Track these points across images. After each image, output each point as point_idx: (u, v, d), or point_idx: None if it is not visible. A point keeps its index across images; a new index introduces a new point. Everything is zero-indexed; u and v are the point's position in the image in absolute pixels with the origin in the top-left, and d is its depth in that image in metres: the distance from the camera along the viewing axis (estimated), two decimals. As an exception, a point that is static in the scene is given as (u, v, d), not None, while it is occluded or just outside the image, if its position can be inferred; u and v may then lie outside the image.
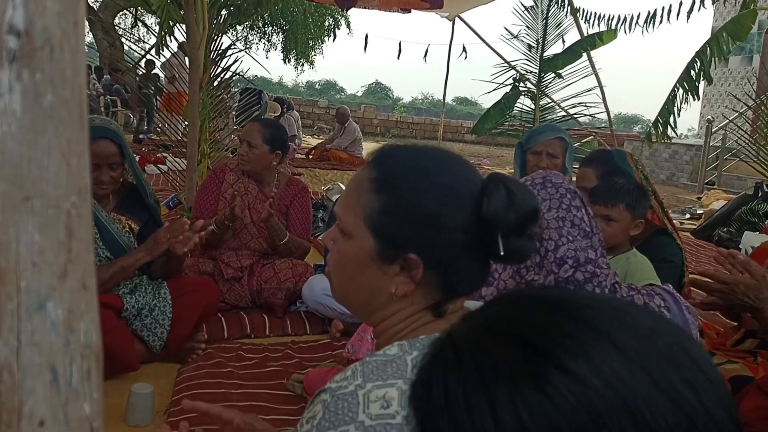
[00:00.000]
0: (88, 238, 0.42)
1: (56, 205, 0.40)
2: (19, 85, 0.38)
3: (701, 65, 5.91)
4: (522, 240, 0.87)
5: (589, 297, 0.52)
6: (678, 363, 0.46)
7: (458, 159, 0.94)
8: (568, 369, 0.45)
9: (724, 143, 11.55)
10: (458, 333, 0.52)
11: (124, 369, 2.42)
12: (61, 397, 0.41)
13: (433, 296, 0.90)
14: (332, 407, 0.76)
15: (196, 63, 4.95)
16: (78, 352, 0.42)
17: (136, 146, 8.88)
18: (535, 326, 0.48)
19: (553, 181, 1.67)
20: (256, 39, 22.27)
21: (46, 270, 0.40)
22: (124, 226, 2.58)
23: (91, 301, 0.43)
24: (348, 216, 0.92)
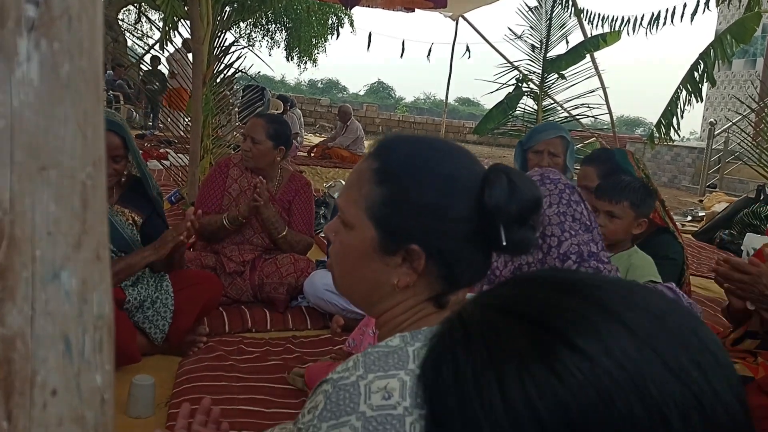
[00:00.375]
0: (102, 209, 0.42)
1: (72, 175, 0.40)
2: (37, 54, 0.38)
3: (704, 67, 5.91)
4: (524, 230, 0.87)
5: (601, 278, 0.52)
6: (687, 344, 0.46)
7: (460, 149, 0.94)
8: (577, 347, 0.45)
9: (727, 146, 11.54)
10: (468, 312, 0.52)
11: (126, 361, 2.42)
12: (73, 367, 0.41)
13: (435, 287, 0.90)
14: (334, 398, 0.76)
15: (200, 59, 4.96)
16: (91, 323, 0.42)
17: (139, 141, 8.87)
18: (545, 305, 0.48)
19: (550, 177, 1.67)
20: (259, 36, 22.28)
21: (60, 240, 0.40)
22: (127, 219, 2.58)
23: (104, 272, 0.43)
24: (350, 207, 0.92)
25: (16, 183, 0.38)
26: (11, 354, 0.39)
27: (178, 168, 5.96)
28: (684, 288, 2.53)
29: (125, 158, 2.48)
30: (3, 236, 0.38)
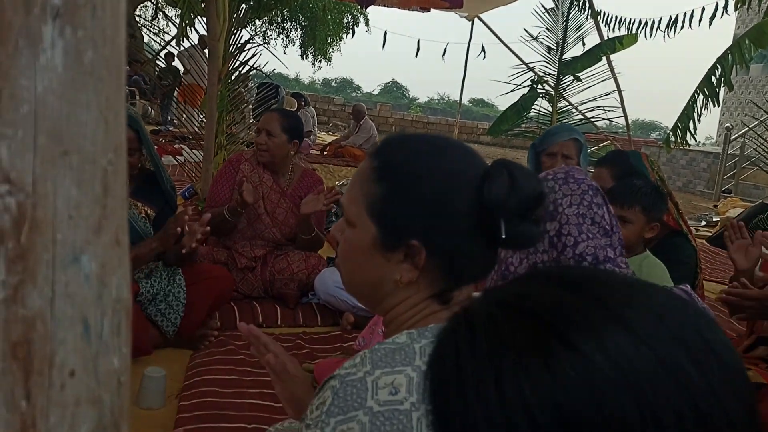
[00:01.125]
0: (122, 195, 0.43)
1: (93, 160, 0.41)
2: (61, 42, 0.39)
3: (722, 71, 5.86)
4: (526, 224, 0.87)
5: (609, 275, 0.52)
6: (689, 344, 0.45)
7: (460, 146, 0.95)
8: (572, 344, 0.45)
9: (743, 151, 11.45)
10: (474, 306, 0.52)
11: (138, 353, 2.44)
12: (91, 349, 0.42)
13: (438, 283, 0.90)
14: (341, 393, 0.77)
15: (216, 55, 4.98)
16: (109, 306, 0.43)
17: (154, 137, 8.93)
18: (546, 301, 0.49)
19: (575, 177, 1.66)
20: (274, 34, 22.34)
21: (81, 224, 0.41)
22: (140, 212, 2.60)
23: (123, 257, 0.44)
24: (352, 206, 0.93)
25: (39, 167, 0.39)
26: (31, 334, 0.40)
27: (192, 164, 6.00)
28: (697, 292, 2.52)
29: (139, 151, 2.50)
30: (25, 219, 0.39)
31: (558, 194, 1.62)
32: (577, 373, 0.43)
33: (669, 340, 0.45)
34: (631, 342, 0.44)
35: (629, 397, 0.42)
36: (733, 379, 0.45)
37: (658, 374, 0.43)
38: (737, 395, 0.45)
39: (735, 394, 0.44)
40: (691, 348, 0.45)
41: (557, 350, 0.44)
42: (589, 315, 0.46)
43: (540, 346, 0.45)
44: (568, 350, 0.44)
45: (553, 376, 0.44)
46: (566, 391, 0.43)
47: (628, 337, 0.44)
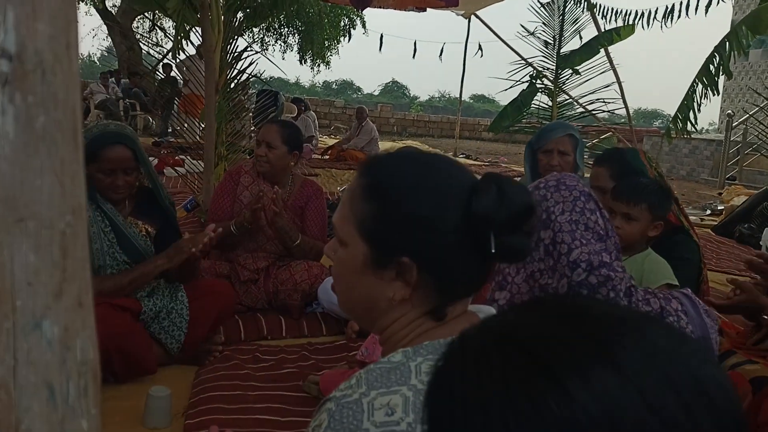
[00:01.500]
0: (83, 256, 0.43)
1: (50, 225, 0.40)
2: (11, 108, 0.39)
3: (720, 59, 5.83)
4: (517, 237, 0.87)
5: (606, 309, 0.51)
6: (679, 385, 0.45)
7: (448, 161, 0.95)
8: (558, 380, 0.44)
9: (745, 138, 11.39)
10: (469, 336, 0.53)
11: (142, 372, 2.44)
12: (58, 415, 0.41)
13: (431, 299, 0.91)
14: (337, 416, 0.77)
15: (212, 65, 4.98)
16: (75, 370, 0.42)
17: (156, 149, 8.95)
18: (538, 335, 0.49)
19: (567, 184, 1.66)
20: (272, 40, 22.35)
21: (40, 289, 0.40)
22: (140, 231, 2.60)
23: (87, 319, 0.43)
24: (343, 225, 0.94)
25: (-5, 235, 0.39)
26: (-6, 405, 0.39)
27: (194, 175, 6.00)
28: (702, 287, 2.50)
29: (137, 170, 2.50)
30: (-17, 288, 0.38)
31: (550, 202, 1.61)
32: (560, 409, 0.43)
33: (657, 381, 0.44)
34: (618, 381, 0.44)
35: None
36: (725, 423, 0.45)
37: (641, 415, 0.43)
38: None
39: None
40: (680, 390, 0.44)
41: (543, 386, 0.44)
42: (578, 351, 0.46)
43: (527, 381, 0.45)
44: (553, 387, 0.44)
45: (538, 412, 0.44)
46: (547, 427, 0.43)
47: (615, 376, 0.44)
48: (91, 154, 2.41)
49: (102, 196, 2.49)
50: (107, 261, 2.48)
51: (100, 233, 2.47)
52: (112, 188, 2.45)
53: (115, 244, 2.50)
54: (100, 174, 2.43)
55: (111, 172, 2.42)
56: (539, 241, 1.62)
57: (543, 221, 1.61)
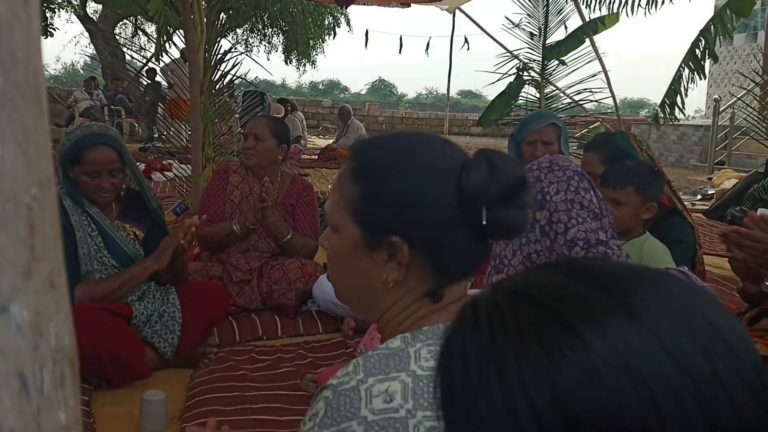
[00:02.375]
0: (54, 234, 0.39)
1: (14, 199, 0.37)
2: (-35, 70, 0.35)
3: (706, 44, 5.83)
4: (510, 210, 0.85)
5: (616, 264, 0.51)
6: (695, 330, 0.44)
7: (438, 139, 0.94)
8: (572, 328, 0.44)
9: (733, 122, 11.44)
10: (481, 296, 0.52)
11: (136, 376, 2.41)
12: (32, 406, 0.38)
13: (427, 281, 0.89)
14: (334, 404, 0.75)
15: (196, 67, 4.94)
16: (49, 357, 0.39)
17: (143, 154, 8.87)
18: (552, 289, 0.48)
19: (559, 164, 1.65)
20: (256, 41, 22.25)
21: (7, 269, 0.37)
22: (128, 234, 2.56)
23: (61, 301, 0.40)
24: (334, 211, 0.92)
25: (-46, 211, 0.35)
26: (-40, 397, 0.36)
27: (182, 179, 5.96)
28: (698, 268, 2.49)
29: (122, 172, 2.46)
30: (-57, 270, 0.35)
31: (544, 183, 1.60)
32: (576, 357, 0.43)
33: (674, 327, 0.44)
34: (634, 328, 0.44)
35: (626, 379, 0.42)
36: (742, 366, 0.44)
37: (658, 359, 0.43)
38: (746, 382, 0.44)
39: (743, 382, 0.43)
40: (697, 335, 0.44)
41: (558, 336, 0.45)
42: (592, 302, 0.46)
43: (541, 332, 0.45)
44: (568, 336, 0.44)
45: (552, 360, 0.44)
46: (564, 375, 0.43)
47: (631, 323, 0.44)
48: (75, 156, 2.37)
49: (88, 199, 2.45)
50: (95, 266, 2.43)
51: (87, 237, 2.43)
52: (98, 191, 2.41)
53: (102, 248, 2.46)
54: (85, 176, 2.38)
55: (96, 174, 2.38)
56: (535, 222, 1.61)
57: (538, 202, 1.60)
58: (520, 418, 0.43)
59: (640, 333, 0.44)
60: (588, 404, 0.42)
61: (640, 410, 0.41)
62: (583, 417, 0.42)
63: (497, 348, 0.46)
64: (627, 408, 0.41)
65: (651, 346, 0.43)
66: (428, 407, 0.74)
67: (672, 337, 0.44)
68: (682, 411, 0.41)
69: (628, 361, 0.43)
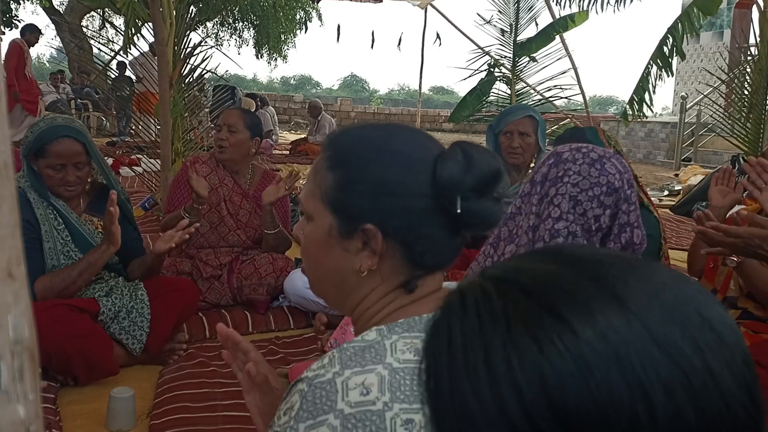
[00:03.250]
0: (12, 222, 0.38)
1: (-31, 184, 0.35)
2: None
3: (673, 41, 5.93)
4: (484, 201, 0.85)
5: (605, 253, 0.51)
6: (685, 320, 0.44)
7: (413, 130, 0.94)
8: (562, 317, 0.44)
9: (699, 119, 11.63)
10: (469, 283, 0.51)
11: (104, 373, 2.37)
12: (-11, 400, 0.37)
13: (401, 271, 0.88)
14: (310, 397, 0.74)
15: (165, 61, 4.87)
16: (7, 350, 0.37)
17: (111, 149, 8.73)
18: (541, 276, 0.48)
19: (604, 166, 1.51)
20: (227, 35, 22.02)
21: (-39, 259, 0.35)
22: (96, 227, 2.52)
23: (20, 292, 0.38)
24: (309, 200, 0.92)
25: None
26: None
27: (151, 174, 5.87)
28: (663, 262, 2.52)
29: (88, 164, 2.41)
30: None
31: (574, 168, 1.54)
32: (565, 346, 0.43)
33: (664, 317, 0.44)
34: (623, 317, 0.43)
35: (616, 370, 0.42)
36: (732, 357, 0.44)
37: (648, 349, 0.42)
38: (735, 374, 0.44)
39: (733, 373, 0.43)
40: (687, 325, 0.44)
41: (547, 324, 0.44)
42: (582, 290, 0.46)
43: (530, 320, 0.45)
44: (557, 324, 0.44)
45: (541, 349, 0.43)
46: (552, 362, 0.42)
47: (621, 312, 0.44)
48: (40, 149, 2.32)
49: (53, 193, 2.40)
50: (61, 260, 2.38)
51: (53, 231, 2.38)
52: (62, 184, 2.36)
53: (69, 242, 2.41)
54: (50, 169, 2.33)
55: (61, 167, 2.33)
56: (545, 195, 1.59)
57: (556, 178, 1.56)
58: (508, 409, 0.42)
59: (630, 323, 0.43)
60: (577, 395, 0.41)
61: (631, 401, 0.41)
62: (572, 408, 0.41)
63: (485, 336, 0.45)
64: (617, 399, 0.41)
65: (641, 336, 0.43)
66: (405, 400, 0.73)
67: (662, 327, 0.43)
68: (672, 402, 0.41)
69: (618, 351, 0.42)
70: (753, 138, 6.45)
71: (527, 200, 1.65)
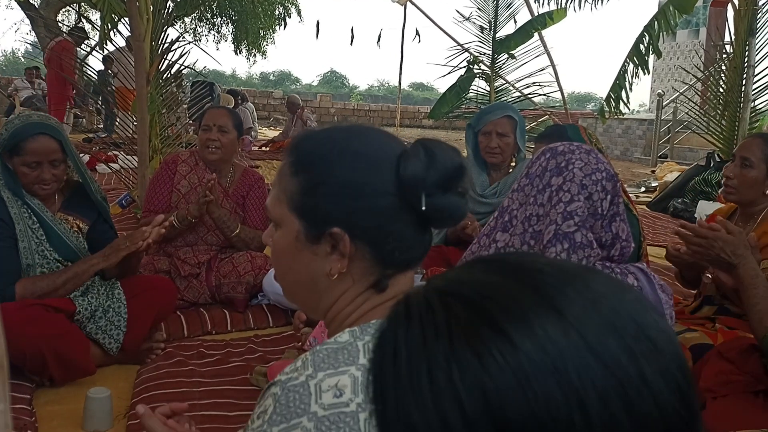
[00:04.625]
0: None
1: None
2: None
3: (650, 39, 5.98)
4: (449, 196, 0.86)
5: (547, 262, 0.51)
6: (621, 329, 0.45)
7: (375, 130, 0.95)
8: (501, 330, 0.44)
9: (675, 116, 11.76)
10: (414, 293, 0.52)
11: (80, 374, 2.34)
12: (-43, 411, 0.36)
13: (371, 271, 0.89)
14: (283, 400, 0.74)
15: (142, 56, 4.81)
16: (-25, 359, 0.37)
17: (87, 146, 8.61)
18: (481, 288, 0.48)
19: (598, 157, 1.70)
20: (205, 31, 21.81)
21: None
22: (72, 226, 2.49)
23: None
24: (275, 207, 0.92)
25: None
26: None
27: (129, 170, 5.81)
28: (642, 260, 2.55)
29: (64, 162, 2.38)
30: None
31: (575, 155, 1.63)
32: (504, 357, 0.43)
33: (600, 326, 0.45)
34: (561, 328, 0.44)
35: (554, 380, 0.42)
36: (667, 366, 0.45)
37: (584, 359, 0.43)
38: (670, 382, 0.44)
39: (667, 382, 0.44)
40: (623, 334, 0.45)
41: (487, 337, 0.44)
42: (521, 302, 0.46)
43: (471, 334, 0.45)
44: (497, 337, 0.44)
45: (482, 362, 0.43)
46: (492, 376, 0.43)
47: (558, 323, 0.44)
48: (14, 146, 2.28)
49: (28, 191, 2.37)
50: (36, 259, 2.35)
51: (27, 230, 2.34)
52: (38, 182, 2.33)
53: (44, 241, 2.38)
54: (25, 167, 2.30)
55: (36, 165, 2.30)
56: (548, 186, 1.62)
57: (559, 168, 1.61)
58: (450, 422, 0.43)
59: (566, 333, 0.44)
60: (517, 407, 0.42)
61: (567, 410, 0.41)
62: (512, 421, 0.42)
63: (428, 350, 0.46)
64: (554, 409, 0.42)
65: (577, 346, 0.43)
66: None
67: (598, 336, 0.44)
68: (607, 411, 0.42)
69: (555, 362, 0.43)
70: (728, 135, 6.54)
71: (523, 192, 1.69)
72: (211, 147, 3.13)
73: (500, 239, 1.69)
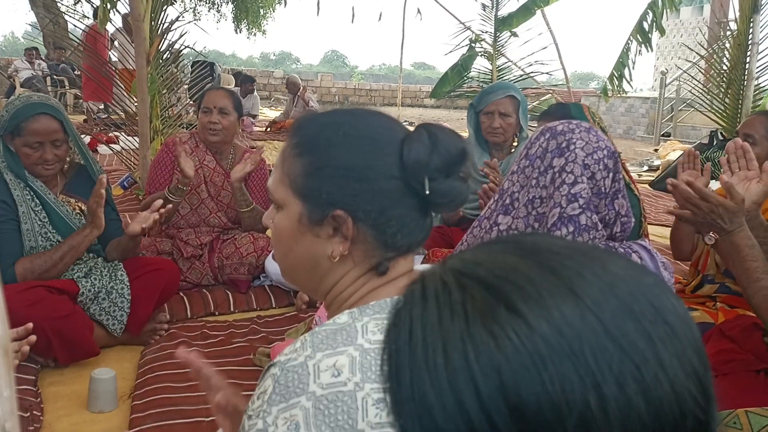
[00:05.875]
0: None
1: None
2: None
3: (653, 17, 5.93)
4: (451, 180, 0.87)
5: (564, 244, 0.51)
6: (639, 313, 0.45)
7: (379, 114, 0.95)
8: (518, 311, 0.44)
9: (678, 94, 11.71)
10: (430, 273, 0.52)
11: (84, 355, 2.36)
12: (-38, 399, 0.36)
13: (373, 254, 0.89)
14: (282, 380, 0.75)
15: (142, 36, 4.78)
16: (-21, 347, 0.37)
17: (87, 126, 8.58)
18: (498, 269, 0.48)
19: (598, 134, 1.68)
20: (205, 10, 21.65)
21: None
22: (74, 208, 2.49)
23: (-9, 289, 0.38)
24: (277, 188, 0.92)
25: None
26: None
27: (130, 152, 5.80)
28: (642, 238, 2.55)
29: (65, 142, 2.38)
30: None
31: (575, 135, 1.61)
32: (520, 338, 0.43)
33: (617, 309, 0.44)
34: (578, 310, 0.44)
35: (569, 363, 0.42)
36: (684, 351, 0.45)
37: (602, 342, 0.43)
38: (685, 365, 0.44)
39: (683, 366, 0.44)
40: (640, 318, 0.44)
41: (503, 318, 0.44)
42: (538, 283, 0.46)
43: (487, 314, 0.45)
44: (513, 318, 0.44)
45: (497, 343, 0.43)
46: (507, 357, 0.43)
47: (575, 305, 0.44)
48: (16, 127, 2.28)
49: (31, 173, 2.36)
50: (39, 241, 2.36)
51: (30, 212, 2.35)
52: (40, 162, 2.32)
53: (47, 223, 2.38)
54: (27, 148, 2.30)
55: (39, 146, 2.30)
56: (550, 167, 1.61)
57: (560, 148, 1.60)
58: (465, 403, 0.43)
59: (583, 316, 0.44)
60: (532, 389, 0.42)
61: (583, 394, 0.42)
62: (526, 401, 0.42)
63: (444, 329, 0.46)
64: (570, 392, 0.42)
65: (594, 329, 0.43)
66: (376, 380, 0.74)
67: (615, 319, 0.44)
68: (623, 394, 0.42)
69: (571, 344, 0.43)
70: (731, 113, 6.50)
71: (523, 174, 1.68)
72: (212, 129, 3.12)
73: (502, 222, 1.69)
